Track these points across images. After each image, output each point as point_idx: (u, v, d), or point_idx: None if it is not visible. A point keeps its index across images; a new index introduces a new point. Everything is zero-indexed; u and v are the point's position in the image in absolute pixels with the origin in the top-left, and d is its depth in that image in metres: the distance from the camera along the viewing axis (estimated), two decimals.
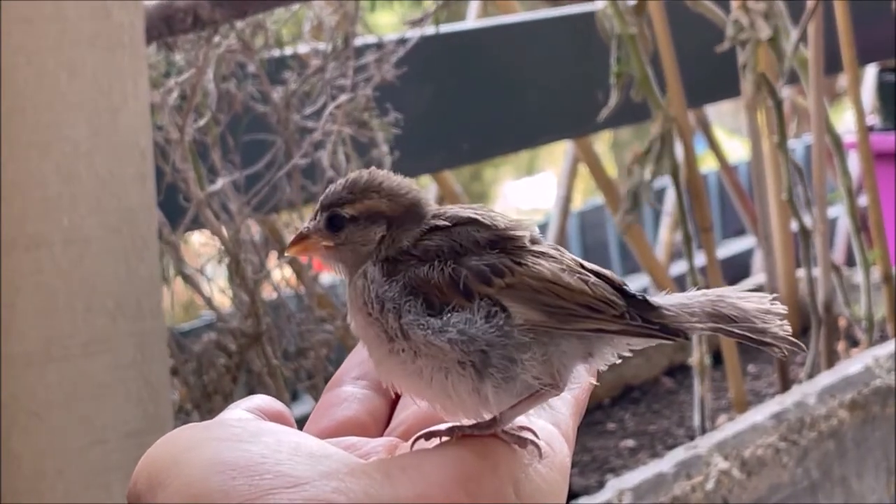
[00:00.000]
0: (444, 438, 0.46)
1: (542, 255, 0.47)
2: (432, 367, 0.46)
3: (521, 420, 0.46)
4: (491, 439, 0.45)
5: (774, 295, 0.50)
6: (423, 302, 0.46)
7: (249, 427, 0.46)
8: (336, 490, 0.42)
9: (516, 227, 0.48)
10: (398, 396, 0.54)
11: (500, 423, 0.46)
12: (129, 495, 0.45)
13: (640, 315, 0.47)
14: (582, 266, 0.48)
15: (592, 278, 0.47)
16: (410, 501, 0.43)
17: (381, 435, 0.52)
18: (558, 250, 0.48)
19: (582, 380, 0.48)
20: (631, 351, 0.48)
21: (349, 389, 0.54)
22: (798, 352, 0.49)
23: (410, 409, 0.52)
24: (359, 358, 0.55)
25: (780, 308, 0.49)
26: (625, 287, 0.48)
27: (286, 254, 0.51)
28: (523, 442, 0.46)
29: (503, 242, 0.47)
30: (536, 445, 0.46)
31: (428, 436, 0.47)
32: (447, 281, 0.46)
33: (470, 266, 0.46)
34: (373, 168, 0.50)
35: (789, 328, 0.48)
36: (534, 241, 0.48)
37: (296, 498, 0.42)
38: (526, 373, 0.46)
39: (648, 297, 0.48)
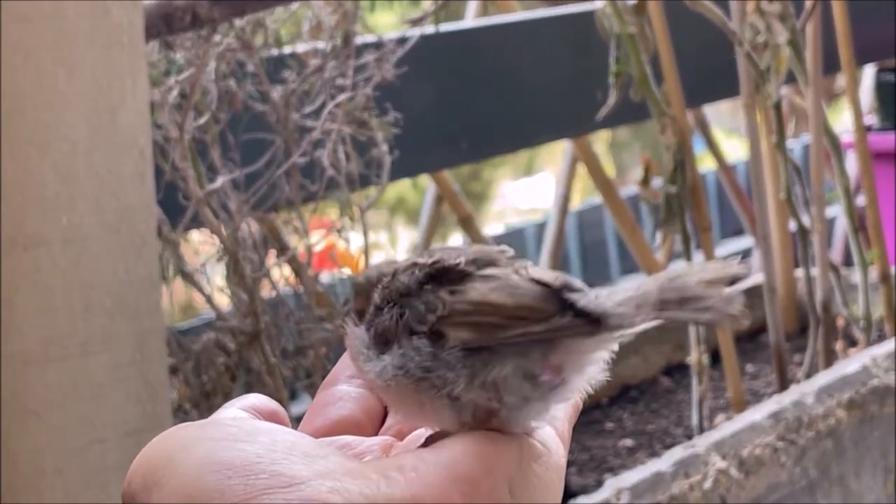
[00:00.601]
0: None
1: (484, 277, 0.49)
2: (408, 400, 0.49)
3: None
4: (487, 441, 0.46)
5: (736, 260, 0.50)
6: (380, 348, 0.49)
7: (245, 426, 0.46)
8: (332, 490, 0.42)
9: (452, 257, 0.50)
10: None
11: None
12: (123, 494, 0.45)
13: (575, 314, 0.48)
14: (533, 280, 0.49)
15: (522, 288, 0.49)
16: (406, 502, 0.43)
17: (377, 434, 0.53)
18: (512, 267, 0.50)
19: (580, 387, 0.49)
20: (621, 352, 0.50)
21: (344, 388, 0.54)
22: (738, 321, 0.49)
23: None
24: None
25: (736, 268, 0.49)
26: (565, 293, 0.48)
27: None
28: (523, 441, 0.46)
29: (441, 274, 0.50)
30: (534, 445, 0.46)
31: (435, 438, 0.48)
32: (393, 325, 0.49)
33: (411, 306, 0.49)
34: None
35: (734, 300, 0.48)
36: (484, 264, 0.50)
37: (291, 498, 0.42)
38: (468, 392, 0.47)
39: (575, 298, 0.49)
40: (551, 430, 0.48)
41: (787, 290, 2.06)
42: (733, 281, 0.49)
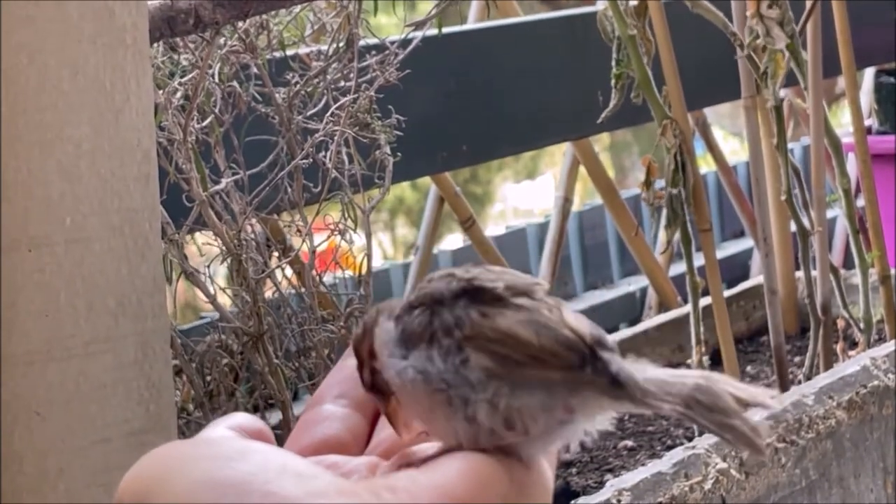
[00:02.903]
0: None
1: (516, 306, 0.49)
2: (421, 405, 0.49)
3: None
4: (481, 463, 0.46)
5: (774, 395, 0.50)
6: (405, 346, 0.49)
7: (236, 445, 0.46)
8: None
9: (491, 279, 0.50)
10: (377, 416, 0.55)
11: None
12: None
13: (603, 369, 0.48)
14: (565, 323, 0.49)
15: (550, 329, 0.48)
16: None
17: (361, 454, 0.53)
18: (545, 303, 0.50)
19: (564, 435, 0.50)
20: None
21: (330, 408, 0.54)
22: (760, 452, 0.50)
23: (390, 428, 0.53)
24: (340, 376, 0.55)
25: (770, 402, 0.49)
26: (597, 348, 0.49)
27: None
28: (515, 463, 0.47)
29: (476, 292, 0.49)
30: (525, 467, 0.47)
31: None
32: (420, 330, 0.49)
33: (441, 316, 0.49)
34: (361, 322, 0.52)
35: (760, 430, 0.49)
36: (519, 292, 0.50)
37: None
38: (484, 416, 0.47)
39: (607, 358, 0.49)
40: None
41: (788, 292, 2.06)
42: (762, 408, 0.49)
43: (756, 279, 2.14)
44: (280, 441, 0.51)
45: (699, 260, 1.68)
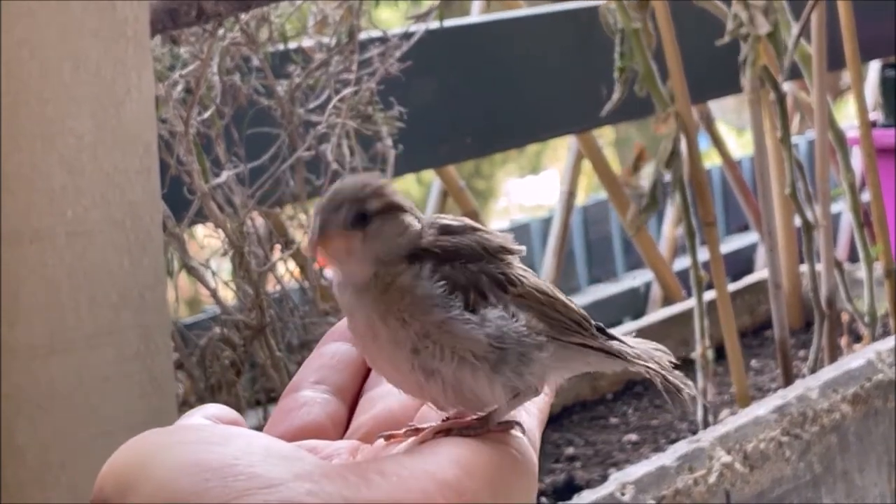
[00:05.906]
0: (410, 439, 0.48)
1: (522, 269, 0.51)
2: (455, 366, 0.48)
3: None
4: (469, 448, 0.46)
5: (690, 386, 0.56)
6: (462, 300, 0.48)
7: (218, 430, 0.46)
8: (310, 492, 0.42)
9: (511, 241, 0.51)
10: (356, 401, 0.54)
11: (490, 423, 0.48)
12: (94, 500, 0.44)
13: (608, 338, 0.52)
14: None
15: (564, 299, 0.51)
16: None
17: (341, 439, 0.53)
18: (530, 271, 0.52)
19: (552, 388, 0.51)
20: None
21: (309, 394, 0.54)
22: (679, 398, 0.54)
23: (370, 412, 0.53)
24: (318, 362, 0.55)
25: (686, 390, 0.55)
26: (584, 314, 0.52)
27: (310, 255, 0.52)
28: (502, 449, 0.47)
29: (502, 253, 0.50)
30: (512, 453, 0.48)
31: (388, 437, 0.49)
32: (470, 284, 0.48)
33: (488, 272, 0.49)
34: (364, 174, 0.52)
35: (689, 385, 0.55)
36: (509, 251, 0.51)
37: (270, 499, 0.41)
38: (532, 375, 0.49)
39: (604, 327, 0.52)
40: (525, 440, 0.49)
41: (792, 286, 2.06)
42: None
43: (760, 273, 2.14)
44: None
45: (704, 254, 1.67)
